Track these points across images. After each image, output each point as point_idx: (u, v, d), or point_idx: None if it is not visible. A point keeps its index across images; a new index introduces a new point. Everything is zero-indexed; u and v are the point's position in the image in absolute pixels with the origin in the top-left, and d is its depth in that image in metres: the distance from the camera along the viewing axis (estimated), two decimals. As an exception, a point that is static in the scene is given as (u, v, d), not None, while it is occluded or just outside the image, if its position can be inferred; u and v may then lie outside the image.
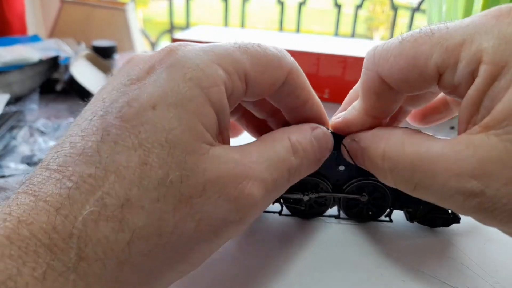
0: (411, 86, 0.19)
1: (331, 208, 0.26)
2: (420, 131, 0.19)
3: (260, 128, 0.25)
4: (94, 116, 0.16)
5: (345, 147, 0.22)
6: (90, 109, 0.17)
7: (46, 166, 0.15)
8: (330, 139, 0.21)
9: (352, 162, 0.22)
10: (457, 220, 0.25)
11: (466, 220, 0.25)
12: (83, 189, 0.14)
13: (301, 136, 0.20)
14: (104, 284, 0.14)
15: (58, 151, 0.16)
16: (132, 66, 0.19)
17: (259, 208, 0.17)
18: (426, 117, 0.26)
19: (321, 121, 0.22)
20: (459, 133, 0.18)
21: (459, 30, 0.17)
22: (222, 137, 0.18)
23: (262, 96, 0.21)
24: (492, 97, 0.16)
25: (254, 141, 0.19)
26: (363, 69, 0.20)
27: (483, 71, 0.16)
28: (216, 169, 0.16)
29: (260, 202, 0.17)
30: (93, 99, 0.18)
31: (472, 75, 0.17)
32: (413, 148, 0.18)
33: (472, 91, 0.17)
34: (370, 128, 0.21)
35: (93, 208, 0.14)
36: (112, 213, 0.14)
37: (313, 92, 0.22)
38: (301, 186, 0.24)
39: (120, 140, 0.15)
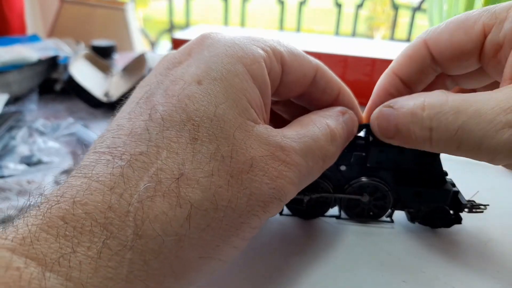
0: (455, 48, 0.20)
1: (332, 208, 0.26)
2: None
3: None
4: (140, 99, 0.16)
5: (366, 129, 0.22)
6: (135, 95, 0.17)
7: (94, 150, 0.15)
8: (357, 124, 0.22)
9: (380, 137, 0.21)
10: (458, 221, 0.25)
11: (467, 220, 0.25)
12: (135, 166, 0.14)
13: (337, 122, 0.20)
14: (163, 261, 0.13)
15: (105, 135, 0.16)
16: (173, 54, 0.19)
17: (294, 190, 0.18)
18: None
19: (353, 111, 0.23)
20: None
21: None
22: (264, 114, 0.19)
23: (296, 92, 0.21)
24: None
25: (292, 123, 0.20)
26: (414, 41, 0.21)
27: None
28: (260, 148, 0.16)
29: (295, 185, 0.17)
30: (138, 87, 0.18)
31: None
32: (456, 96, 0.18)
33: None
34: (393, 95, 0.22)
35: (148, 184, 0.14)
36: (168, 188, 0.14)
37: (343, 83, 0.22)
38: None
39: (167, 115, 0.15)
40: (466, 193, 0.25)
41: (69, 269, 0.12)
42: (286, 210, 0.26)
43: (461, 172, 0.26)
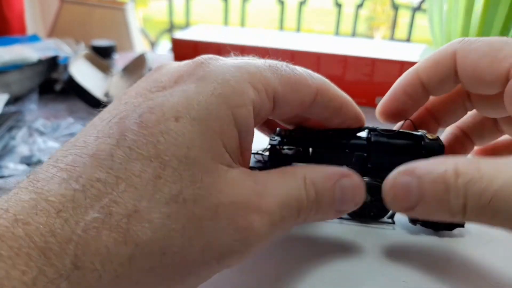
0: (478, 73, 0.19)
1: None
2: None
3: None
4: (113, 118, 0.16)
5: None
6: (109, 111, 0.17)
7: (54, 163, 0.14)
8: (360, 193, 0.19)
9: (395, 208, 0.19)
10: (461, 224, 0.24)
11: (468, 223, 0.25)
12: (89, 193, 0.13)
13: (320, 180, 0.18)
14: None
15: (69, 149, 0.15)
16: (160, 74, 0.18)
17: (263, 242, 0.17)
18: (484, 154, 0.26)
19: (356, 120, 0.22)
20: None
21: None
22: (242, 158, 0.18)
23: (290, 115, 0.20)
24: None
25: (273, 171, 0.18)
26: (447, 45, 0.21)
27: None
28: (230, 194, 0.15)
29: (264, 237, 0.16)
30: (114, 102, 0.18)
31: None
32: (487, 162, 0.17)
33: None
34: (409, 96, 0.22)
35: (97, 215, 0.13)
36: (117, 222, 0.13)
37: (346, 96, 0.22)
38: None
39: (136, 147, 0.15)
40: None
41: None
42: None
43: None
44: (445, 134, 0.26)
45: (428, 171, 0.18)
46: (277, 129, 0.24)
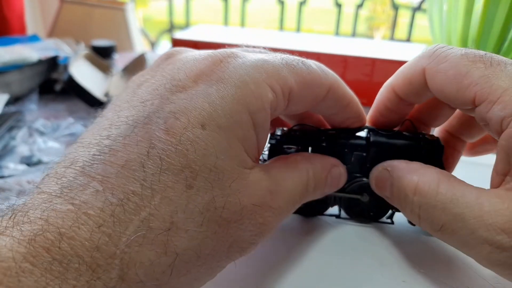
0: (447, 95, 0.19)
1: (331, 207, 0.26)
2: (455, 176, 0.19)
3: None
4: (136, 123, 0.15)
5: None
6: (128, 109, 0.16)
7: (81, 170, 0.14)
8: (343, 179, 0.23)
9: (377, 191, 0.23)
10: None
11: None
12: (127, 207, 0.14)
13: (318, 171, 0.21)
14: None
15: (95, 155, 0.15)
16: (175, 68, 0.18)
17: (272, 233, 0.18)
18: (475, 147, 0.26)
19: (359, 119, 0.23)
20: (492, 182, 0.18)
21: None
22: (257, 154, 0.19)
23: (301, 111, 0.21)
24: None
25: (281, 164, 0.20)
26: (418, 55, 0.21)
27: None
28: (252, 197, 0.17)
29: (273, 229, 0.18)
30: (129, 95, 0.17)
31: (502, 123, 0.17)
32: (447, 188, 0.18)
33: (504, 141, 0.17)
34: (393, 110, 0.23)
35: (139, 231, 0.13)
36: (157, 236, 0.14)
37: (353, 95, 0.22)
38: None
39: (166, 156, 0.15)
40: None
41: None
42: None
43: (470, 176, 0.26)
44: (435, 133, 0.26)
45: (399, 176, 0.20)
46: (277, 128, 0.24)
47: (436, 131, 0.26)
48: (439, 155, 0.23)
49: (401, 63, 0.22)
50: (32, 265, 0.12)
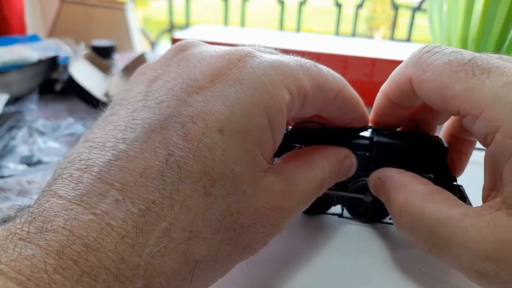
0: (433, 104, 0.19)
1: (334, 206, 0.26)
2: (444, 190, 0.19)
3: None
4: (152, 127, 0.15)
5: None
6: (143, 110, 0.16)
7: (99, 175, 0.14)
8: (353, 169, 0.23)
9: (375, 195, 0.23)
10: None
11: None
12: (148, 218, 0.14)
13: (334, 163, 0.21)
14: None
15: (111, 160, 0.14)
16: (191, 64, 0.18)
17: (281, 232, 0.18)
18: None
19: (363, 119, 0.23)
20: (483, 195, 0.18)
21: (495, 87, 0.16)
22: (271, 155, 0.19)
23: (310, 114, 0.21)
24: (509, 171, 0.16)
25: (294, 160, 0.20)
26: (405, 60, 0.21)
27: (499, 141, 0.16)
28: (265, 201, 0.17)
29: (283, 230, 0.18)
30: (141, 93, 0.17)
31: (485, 138, 0.17)
32: (432, 209, 0.18)
33: (489, 157, 0.17)
34: (391, 114, 0.22)
35: (161, 244, 0.14)
36: (177, 245, 0.14)
37: (358, 97, 0.22)
38: None
39: (184, 164, 0.15)
40: (478, 202, 0.25)
41: None
42: None
43: (477, 179, 0.26)
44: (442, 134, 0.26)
45: (389, 190, 0.21)
46: None
47: (441, 136, 0.26)
48: (442, 157, 0.23)
49: (401, 63, 0.22)
50: (62, 277, 0.12)
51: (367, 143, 0.23)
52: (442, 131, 0.25)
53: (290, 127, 0.24)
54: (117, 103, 0.18)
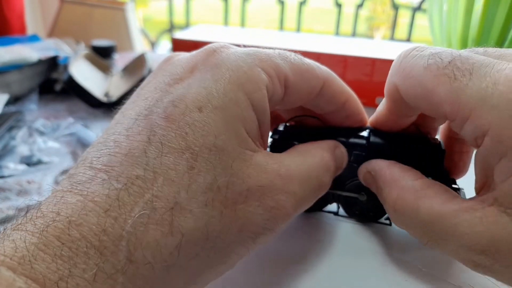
0: (423, 111, 0.19)
1: (330, 204, 0.26)
2: (435, 182, 0.19)
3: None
4: (138, 116, 0.16)
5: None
6: (132, 108, 0.17)
7: (90, 164, 0.15)
8: (346, 160, 0.23)
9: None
10: None
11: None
12: (131, 190, 0.14)
13: (331, 155, 0.21)
14: (152, 286, 0.14)
15: (102, 150, 0.15)
16: (174, 65, 0.19)
17: (289, 219, 0.18)
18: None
19: (359, 117, 0.23)
20: (475, 188, 0.18)
21: (478, 89, 0.16)
22: (262, 140, 0.19)
23: (298, 105, 0.21)
24: (500, 171, 0.16)
25: (290, 151, 0.20)
26: (390, 70, 0.20)
27: (488, 144, 0.16)
28: (258, 178, 0.17)
29: (290, 215, 0.18)
30: (134, 97, 0.18)
31: (476, 140, 0.17)
32: (426, 205, 0.18)
33: (479, 157, 0.17)
34: (396, 124, 0.22)
35: (143, 212, 0.14)
36: (162, 216, 0.14)
37: (350, 92, 0.22)
38: None
39: (166, 141, 0.15)
40: None
41: None
42: None
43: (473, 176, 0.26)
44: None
45: (380, 187, 0.20)
46: (280, 124, 0.24)
47: (440, 138, 0.25)
48: (440, 159, 0.23)
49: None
50: (44, 253, 0.12)
51: (364, 143, 0.23)
52: (440, 134, 0.25)
53: (288, 124, 0.24)
54: (116, 113, 0.19)
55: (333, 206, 0.26)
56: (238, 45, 0.21)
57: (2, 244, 0.12)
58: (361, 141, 0.23)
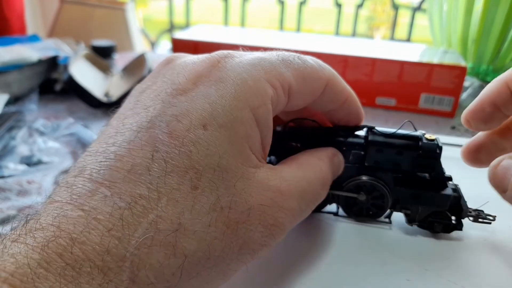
0: None
1: (330, 204, 0.26)
2: None
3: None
4: (140, 128, 0.16)
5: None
6: (132, 116, 0.17)
7: (89, 176, 0.15)
8: (342, 167, 0.23)
9: (493, 187, 0.20)
10: (459, 227, 0.24)
11: (466, 222, 0.25)
12: (135, 210, 0.14)
13: (329, 166, 0.21)
14: None
15: (102, 162, 0.15)
16: (175, 72, 0.18)
17: (285, 234, 0.18)
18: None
19: (357, 115, 0.23)
20: None
21: None
22: (264, 153, 0.19)
23: (301, 107, 0.21)
24: None
25: (289, 161, 0.20)
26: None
27: None
28: (259, 196, 0.16)
29: (286, 231, 0.18)
30: (132, 103, 0.18)
31: None
32: None
33: None
34: (496, 106, 0.21)
35: (147, 234, 0.14)
36: (165, 237, 0.14)
37: (351, 91, 0.22)
38: None
39: (170, 158, 0.15)
40: (477, 202, 0.25)
41: None
42: None
43: (475, 180, 0.26)
44: None
45: None
46: (277, 125, 0.24)
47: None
48: (437, 156, 0.23)
49: (401, 63, 0.22)
50: (46, 271, 0.12)
51: (362, 142, 0.23)
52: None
53: (285, 125, 0.24)
54: (112, 117, 0.19)
55: (332, 207, 0.26)
56: (237, 47, 0.21)
57: (2, 259, 0.12)
58: (359, 140, 0.23)
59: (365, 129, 0.24)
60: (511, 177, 0.19)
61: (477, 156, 0.24)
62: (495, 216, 0.24)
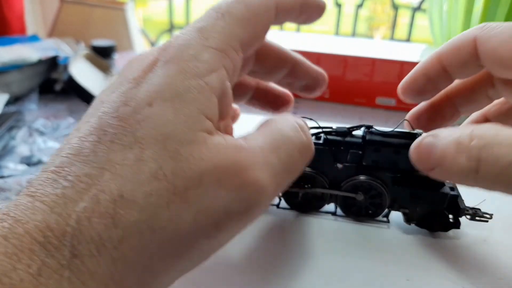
0: (499, 59, 0.19)
1: (328, 204, 0.26)
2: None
3: (276, 104, 0.27)
4: (92, 118, 0.16)
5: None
6: (90, 113, 0.17)
7: (45, 168, 0.15)
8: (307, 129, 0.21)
9: (418, 167, 0.20)
10: (456, 225, 0.24)
11: (464, 221, 0.25)
12: (78, 187, 0.14)
13: (298, 119, 0.20)
14: (99, 281, 0.13)
15: (57, 154, 0.16)
16: (130, 68, 0.18)
17: (268, 196, 0.16)
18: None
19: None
20: None
21: None
22: (225, 124, 0.18)
23: (260, 41, 0.20)
24: None
25: (257, 127, 0.19)
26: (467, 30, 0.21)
27: None
28: (214, 158, 0.15)
29: (268, 189, 0.16)
30: (93, 103, 0.18)
31: None
32: (506, 128, 0.17)
33: None
34: (429, 80, 0.23)
35: (86, 205, 0.14)
36: (105, 209, 0.14)
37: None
38: (297, 180, 0.24)
39: (116, 139, 0.15)
40: (473, 201, 0.25)
41: (11, 287, 0.12)
42: (283, 203, 0.26)
43: None
44: (468, 121, 0.26)
45: (446, 135, 0.19)
46: None
47: (472, 118, 0.25)
48: None
49: (401, 63, 0.22)
50: None
51: (360, 142, 0.23)
52: (475, 115, 0.25)
53: None
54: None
55: (330, 207, 0.26)
56: None
57: None
58: (357, 140, 0.23)
59: (362, 129, 0.24)
60: (433, 154, 0.19)
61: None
62: (492, 214, 0.24)
